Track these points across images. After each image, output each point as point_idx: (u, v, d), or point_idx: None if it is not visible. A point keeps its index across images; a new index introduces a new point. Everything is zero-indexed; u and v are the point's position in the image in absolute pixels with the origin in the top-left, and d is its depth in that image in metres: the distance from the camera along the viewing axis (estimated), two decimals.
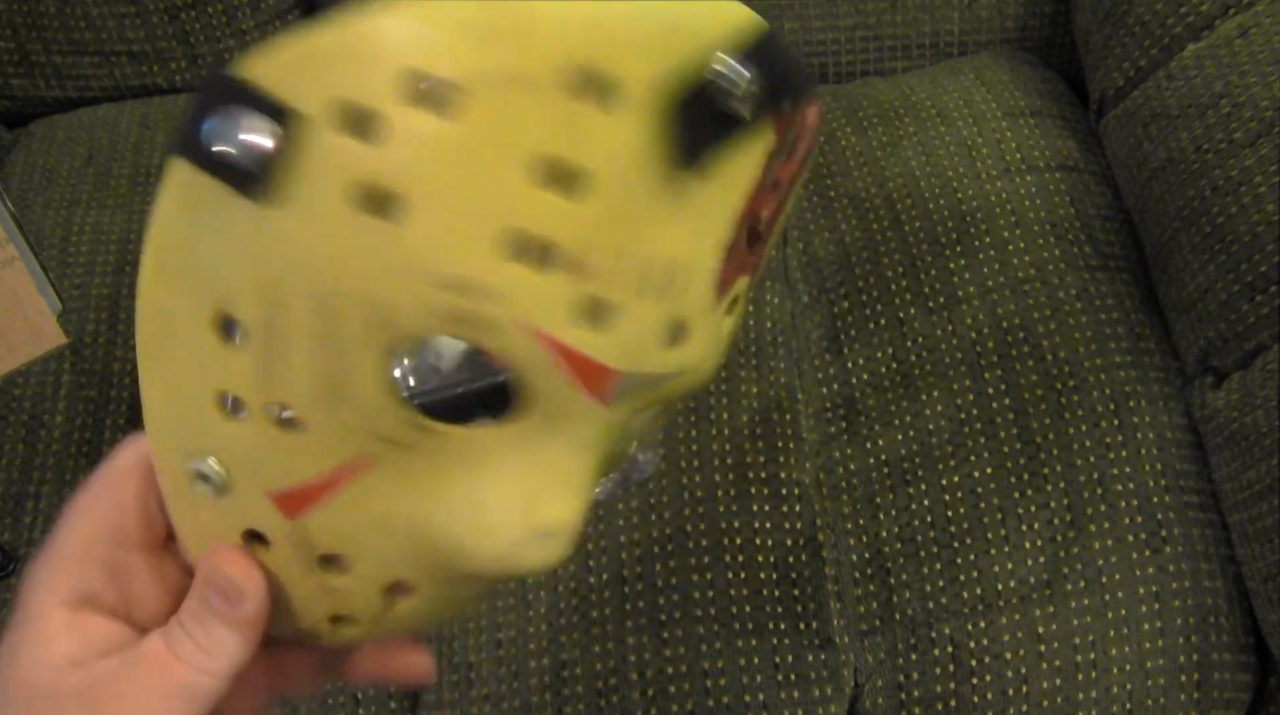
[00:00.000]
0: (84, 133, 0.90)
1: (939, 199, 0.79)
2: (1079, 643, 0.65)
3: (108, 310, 0.79)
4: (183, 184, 0.31)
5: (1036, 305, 0.74)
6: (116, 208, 0.84)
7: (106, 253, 0.82)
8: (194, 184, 0.31)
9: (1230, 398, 0.67)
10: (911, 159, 0.82)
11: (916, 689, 0.65)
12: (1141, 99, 0.78)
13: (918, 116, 0.85)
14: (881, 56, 0.93)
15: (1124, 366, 0.72)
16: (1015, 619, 0.65)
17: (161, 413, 0.33)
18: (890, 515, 0.69)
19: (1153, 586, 0.66)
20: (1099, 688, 0.64)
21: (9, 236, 0.58)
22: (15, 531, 0.70)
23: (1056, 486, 0.68)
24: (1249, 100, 0.70)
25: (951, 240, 0.77)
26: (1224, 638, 0.66)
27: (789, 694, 0.65)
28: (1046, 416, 0.70)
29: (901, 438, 0.71)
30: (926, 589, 0.67)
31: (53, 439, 0.73)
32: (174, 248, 0.32)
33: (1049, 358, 0.72)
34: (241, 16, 0.92)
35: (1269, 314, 0.66)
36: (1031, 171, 0.81)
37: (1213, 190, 0.70)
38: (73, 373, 0.76)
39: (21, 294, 0.58)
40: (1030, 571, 0.66)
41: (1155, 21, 0.78)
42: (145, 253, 0.32)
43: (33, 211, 0.84)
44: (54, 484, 0.72)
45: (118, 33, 0.92)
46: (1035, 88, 0.88)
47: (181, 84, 0.95)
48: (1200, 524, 0.68)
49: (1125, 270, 0.77)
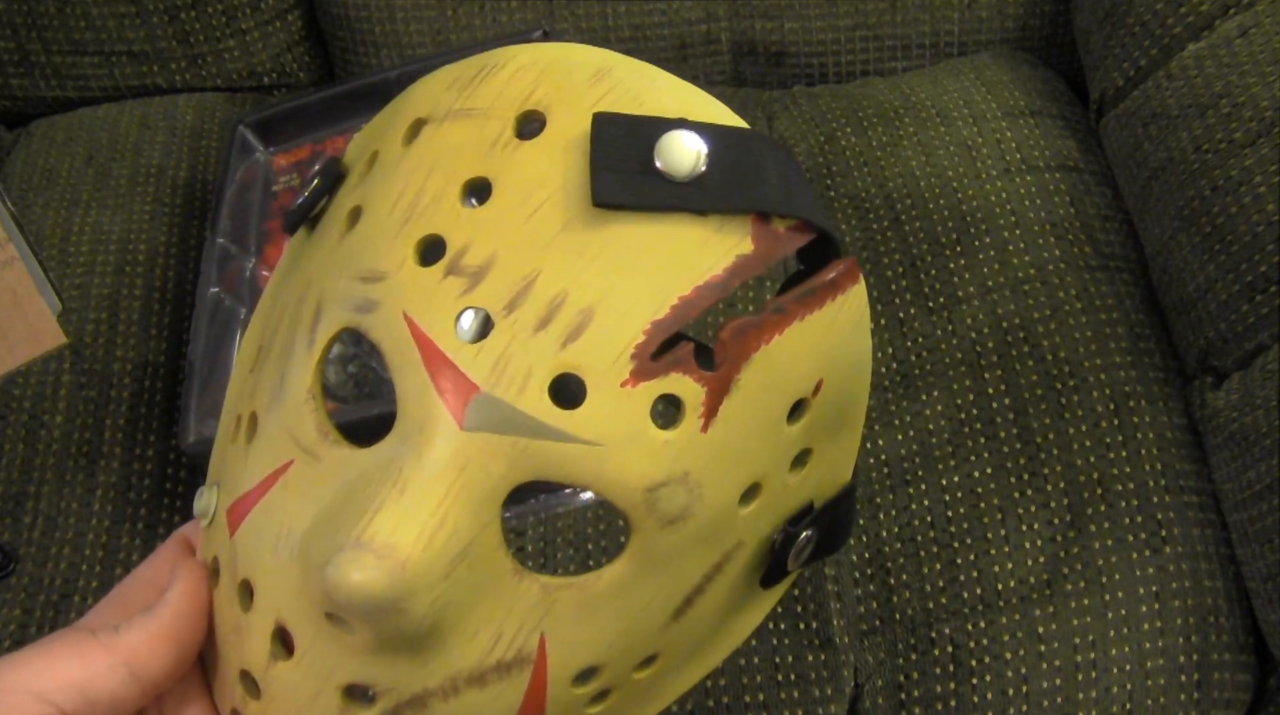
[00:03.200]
0: (84, 133, 0.90)
1: (939, 199, 0.79)
2: (1079, 643, 0.65)
3: (108, 310, 0.79)
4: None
5: (1036, 305, 0.74)
6: (116, 208, 0.84)
7: (106, 253, 0.82)
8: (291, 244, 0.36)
9: (1230, 398, 0.67)
10: (911, 159, 0.82)
11: (916, 689, 0.65)
12: (1141, 99, 0.78)
13: (918, 116, 0.85)
14: (881, 56, 0.93)
15: (1124, 366, 0.72)
16: (1015, 619, 0.65)
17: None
18: (890, 515, 0.69)
19: (1153, 586, 0.66)
20: (1099, 688, 0.64)
21: (9, 236, 0.58)
22: (15, 531, 0.70)
23: (1056, 486, 0.68)
24: (1249, 100, 0.70)
25: (951, 240, 0.77)
26: (1224, 638, 0.66)
27: (789, 694, 0.65)
28: (1046, 416, 0.70)
29: (901, 437, 0.71)
30: (926, 589, 0.67)
31: (53, 439, 0.73)
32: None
33: (1049, 358, 0.72)
34: (241, 16, 0.92)
35: (1269, 314, 0.66)
36: (1031, 171, 0.81)
37: (1213, 190, 0.70)
38: (73, 373, 0.76)
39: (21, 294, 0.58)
40: (1030, 571, 0.66)
41: (1155, 21, 0.78)
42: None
43: (33, 211, 0.84)
44: (54, 484, 0.72)
45: (118, 33, 0.92)
46: (1035, 88, 0.88)
47: (181, 84, 0.95)
48: (1200, 524, 0.68)
49: (1125, 270, 0.77)
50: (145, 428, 0.74)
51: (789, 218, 0.30)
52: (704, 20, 0.91)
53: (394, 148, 0.32)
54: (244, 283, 0.73)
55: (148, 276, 0.80)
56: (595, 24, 0.91)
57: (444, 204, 0.30)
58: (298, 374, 0.31)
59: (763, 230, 0.30)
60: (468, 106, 0.31)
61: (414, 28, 0.91)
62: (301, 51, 0.96)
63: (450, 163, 0.31)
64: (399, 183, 0.31)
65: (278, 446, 0.31)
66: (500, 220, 0.29)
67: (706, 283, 0.29)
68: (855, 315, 0.33)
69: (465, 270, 0.29)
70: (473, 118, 0.31)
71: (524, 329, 0.28)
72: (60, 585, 0.68)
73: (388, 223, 0.31)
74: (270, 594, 0.31)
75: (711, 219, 0.29)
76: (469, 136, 0.31)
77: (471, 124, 0.31)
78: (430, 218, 0.30)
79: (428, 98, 0.33)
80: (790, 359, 0.31)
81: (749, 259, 0.30)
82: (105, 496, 0.71)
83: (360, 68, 0.94)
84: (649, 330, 0.29)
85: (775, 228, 0.30)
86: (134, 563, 0.69)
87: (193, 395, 0.67)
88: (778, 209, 0.30)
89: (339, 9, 0.91)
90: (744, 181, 0.30)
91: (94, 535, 0.70)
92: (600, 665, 0.32)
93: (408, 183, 0.31)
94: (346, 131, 0.78)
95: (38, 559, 0.69)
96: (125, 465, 0.72)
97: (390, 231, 0.30)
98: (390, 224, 0.31)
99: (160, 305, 0.79)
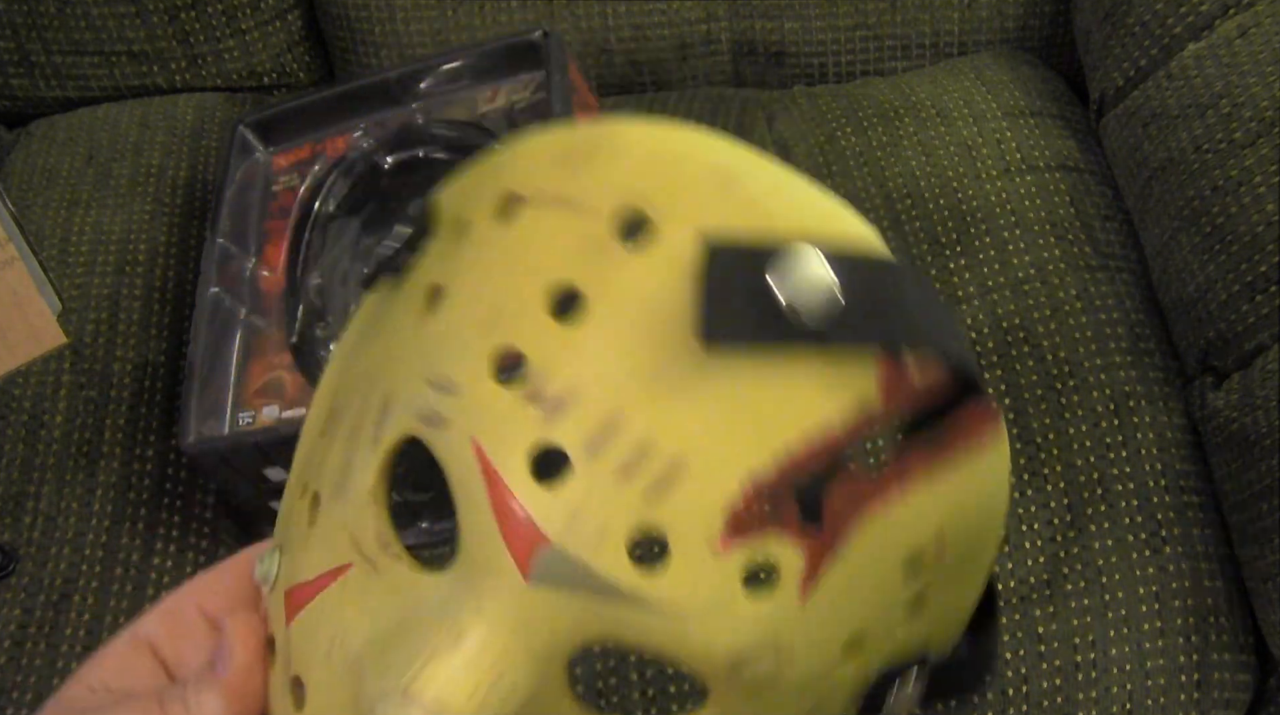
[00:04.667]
0: (84, 133, 0.90)
1: (939, 199, 0.79)
2: (1079, 643, 0.65)
3: (108, 310, 0.79)
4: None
5: (1036, 305, 0.74)
6: (116, 208, 0.84)
7: (106, 253, 0.81)
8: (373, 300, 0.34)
9: (1230, 398, 0.67)
10: (911, 159, 0.82)
11: None
12: (1141, 99, 0.78)
13: (918, 116, 0.85)
14: (881, 56, 0.93)
15: (1124, 366, 0.72)
16: (1015, 619, 0.65)
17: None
18: None
19: (1153, 586, 0.66)
20: (1099, 688, 0.64)
21: (9, 236, 0.58)
22: (15, 531, 0.70)
23: (1056, 486, 0.68)
24: (1249, 100, 0.70)
25: (951, 240, 0.77)
26: (1224, 638, 0.65)
27: None
28: (1046, 416, 0.70)
29: None
30: None
31: (53, 439, 0.73)
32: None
33: (1049, 358, 0.72)
34: (241, 16, 0.92)
35: (1269, 314, 0.66)
36: (1031, 171, 0.81)
37: (1213, 190, 0.70)
38: (73, 373, 0.76)
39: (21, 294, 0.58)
40: (1030, 571, 0.66)
41: (1155, 21, 0.78)
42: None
43: (33, 211, 0.84)
44: (54, 484, 0.72)
45: (118, 33, 0.92)
46: (1035, 88, 0.88)
47: (181, 84, 0.95)
48: (1200, 524, 0.68)
49: (1125, 270, 0.77)
50: (145, 428, 0.74)
51: (923, 350, 0.26)
52: (704, 20, 0.91)
53: (484, 223, 0.29)
54: (244, 283, 0.73)
55: (148, 276, 0.80)
56: (595, 24, 0.91)
57: (529, 311, 0.27)
58: (361, 472, 0.29)
59: (892, 373, 0.26)
60: (569, 194, 0.28)
61: (414, 28, 0.91)
62: (301, 51, 0.96)
63: (542, 261, 0.27)
64: (484, 273, 0.28)
65: (338, 545, 0.29)
66: (589, 342, 0.26)
67: (823, 440, 0.25)
68: (993, 466, 0.28)
69: (545, 398, 0.26)
70: (572, 209, 0.27)
71: (605, 476, 0.25)
72: (60, 585, 0.68)
73: (467, 321, 0.28)
74: (321, 701, 0.29)
75: (833, 352, 0.25)
76: (566, 231, 0.27)
77: (570, 216, 0.27)
78: (513, 326, 0.27)
79: (527, 169, 0.29)
80: (910, 520, 0.27)
81: (875, 412, 0.26)
82: (105, 496, 0.71)
83: (360, 68, 0.94)
84: (748, 487, 0.25)
85: (907, 371, 0.26)
86: (134, 563, 0.69)
87: (193, 395, 0.67)
88: (913, 339, 0.26)
89: (339, 9, 0.91)
90: (879, 307, 0.26)
91: (94, 535, 0.70)
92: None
93: (493, 276, 0.28)
94: (346, 132, 0.78)
95: (38, 559, 0.69)
96: (125, 465, 0.72)
97: (468, 334, 0.27)
98: (469, 324, 0.28)
99: (160, 305, 0.79)
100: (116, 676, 0.33)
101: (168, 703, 0.32)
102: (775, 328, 0.25)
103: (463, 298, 0.28)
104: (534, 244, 0.27)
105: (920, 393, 0.26)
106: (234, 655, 0.31)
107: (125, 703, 0.32)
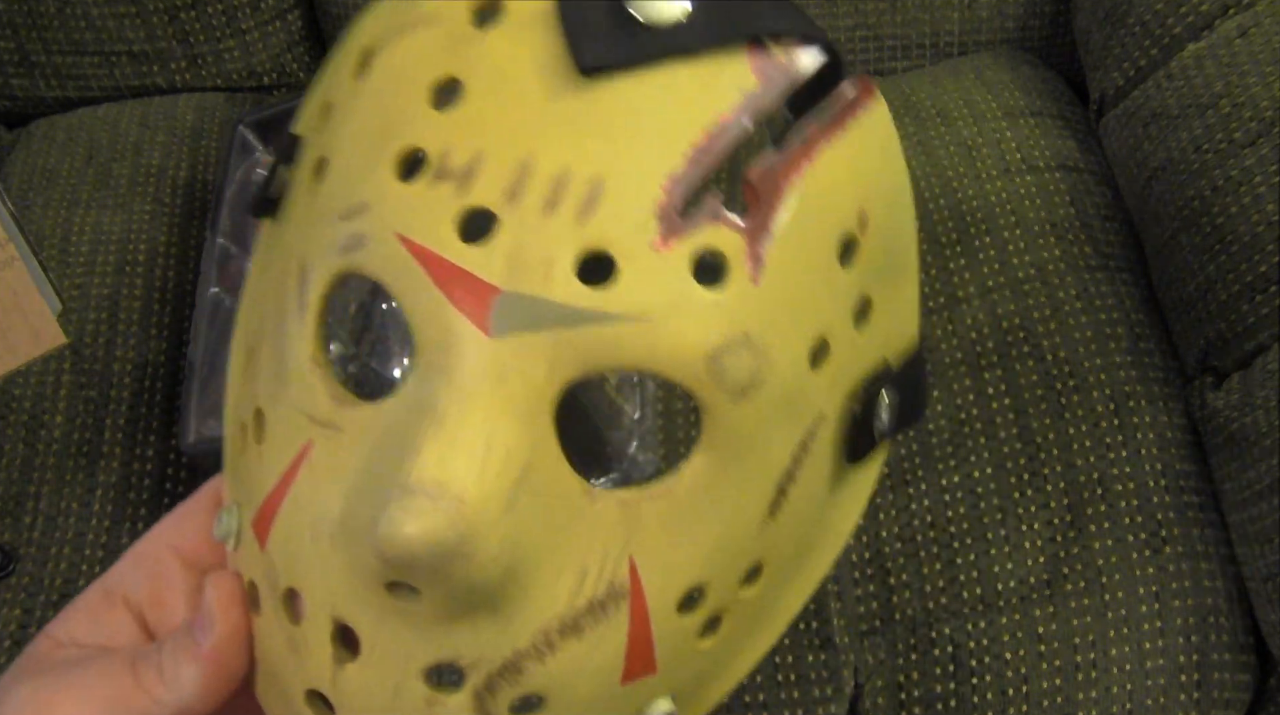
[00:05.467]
0: (84, 133, 0.90)
1: (939, 199, 0.79)
2: (1079, 643, 0.65)
3: (108, 310, 0.79)
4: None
5: (1036, 305, 0.74)
6: (116, 208, 0.84)
7: (106, 253, 0.82)
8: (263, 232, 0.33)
9: (1230, 398, 0.67)
10: (911, 159, 0.82)
11: (916, 689, 0.65)
12: (1141, 99, 0.78)
13: (918, 116, 0.85)
14: (881, 56, 0.93)
15: (1124, 366, 0.72)
16: (1015, 619, 0.65)
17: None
18: (890, 515, 0.69)
19: (1153, 586, 0.66)
20: (1099, 688, 0.64)
21: (9, 236, 0.58)
22: (15, 531, 0.70)
23: (1056, 486, 0.68)
24: (1249, 100, 0.70)
25: (951, 240, 0.77)
26: (1224, 638, 0.66)
27: (789, 694, 0.65)
28: (1046, 416, 0.70)
29: (901, 438, 0.71)
30: (926, 589, 0.67)
31: (53, 439, 0.73)
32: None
33: (1049, 358, 0.72)
34: (241, 16, 0.92)
35: (1269, 314, 0.66)
36: (1031, 171, 0.81)
37: (1213, 190, 0.70)
38: (73, 373, 0.76)
39: (21, 294, 0.58)
40: (1030, 571, 0.66)
41: (1155, 21, 0.78)
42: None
43: (33, 211, 0.84)
44: (54, 484, 0.72)
45: (118, 33, 0.92)
46: (1035, 88, 0.88)
47: (181, 84, 0.95)
48: (1200, 524, 0.68)
49: (1125, 270, 0.77)
50: (145, 428, 0.74)
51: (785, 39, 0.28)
52: None
53: (347, 89, 0.30)
54: (244, 283, 0.73)
55: (148, 276, 0.80)
56: None
57: (414, 115, 0.27)
58: (295, 346, 0.28)
59: (762, 61, 0.27)
60: (414, 19, 0.29)
61: None
62: (301, 51, 0.96)
63: (411, 74, 0.28)
64: (360, 114, 0.29)
65: (292, 431, 0.28)
66: (479, 113, 0.27)
67: (718, 126, 0.27)
68: (882, 135, 0.30)
69: (453, 172, 0.26)
70: (423, 26, 0.28)
71: (532, 214, 0.26)
72: (60, 585, 0.68)
73: (358, 155, 0.28)
74: (319, 592, 0.28)
75: (705, 58, 0.27)
76: (424, 44, 0.28)
77: (424, 32, 0.28)
78: (402, 132, 0.27)
79: (370, 28, 0.30)
80: (826, 190, 0.28)
81: (756, 93, 0.27)
82: (105, 496, 0.71)
83: None
84: (667, 186, 0.26)
85: (775, 56, 0.28)
86: None
87: (193, 395, 0.67)
88: (771, 30, 0.28)
89: (339, 9, 0.91)
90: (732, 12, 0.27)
91: (94, 535, 0.70)
92: (703, 584, 0.28)
93: (370, 110, 0.29)
94: None
95: (38, 559, 0.69)
96: (125, 465, 0.72)
97: (363, 161, 0.28)
98: (361, 155, 0.28)
99: (160, 305, 0.79)
100: (88, 631, 0.32)
101: (141, 668, 0.30)
102: (644, 41, 0.27)
103: (348, 145, 0.29)
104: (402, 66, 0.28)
105: (793, 72, 0.28)
106: (215, 625, 0.30)
107: (95, 659, 0.31)
